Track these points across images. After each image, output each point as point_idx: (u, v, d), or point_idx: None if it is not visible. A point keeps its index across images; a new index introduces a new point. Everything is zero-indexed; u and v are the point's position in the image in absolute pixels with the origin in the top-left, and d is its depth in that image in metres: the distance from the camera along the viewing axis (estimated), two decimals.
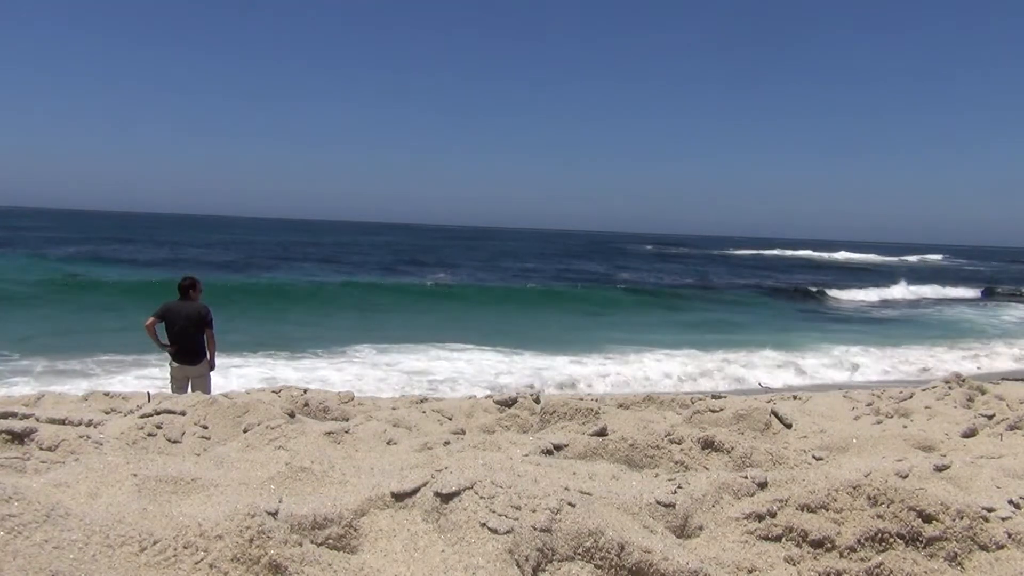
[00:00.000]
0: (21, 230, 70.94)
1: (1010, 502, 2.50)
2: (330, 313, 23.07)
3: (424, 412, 4.78)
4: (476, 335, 18.42)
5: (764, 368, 15.87)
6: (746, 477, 2.49)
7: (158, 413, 3.61)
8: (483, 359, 15.79)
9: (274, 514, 1.88)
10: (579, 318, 25.02)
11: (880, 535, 2.25)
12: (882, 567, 2.18)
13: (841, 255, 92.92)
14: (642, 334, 20.22)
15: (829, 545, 2.23)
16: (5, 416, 3.35)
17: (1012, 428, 4.42)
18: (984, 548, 2.29)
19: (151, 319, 7.96)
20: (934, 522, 2.29)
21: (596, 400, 4.93)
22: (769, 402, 5.03)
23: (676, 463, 3.00)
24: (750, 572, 2.14)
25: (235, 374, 12.55)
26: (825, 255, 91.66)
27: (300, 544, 1.82)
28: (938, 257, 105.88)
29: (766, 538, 2.26)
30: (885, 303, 36.14)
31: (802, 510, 2.31)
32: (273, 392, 5.48)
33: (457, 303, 27.76)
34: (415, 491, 2.09)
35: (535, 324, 22.28)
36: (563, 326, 22.50)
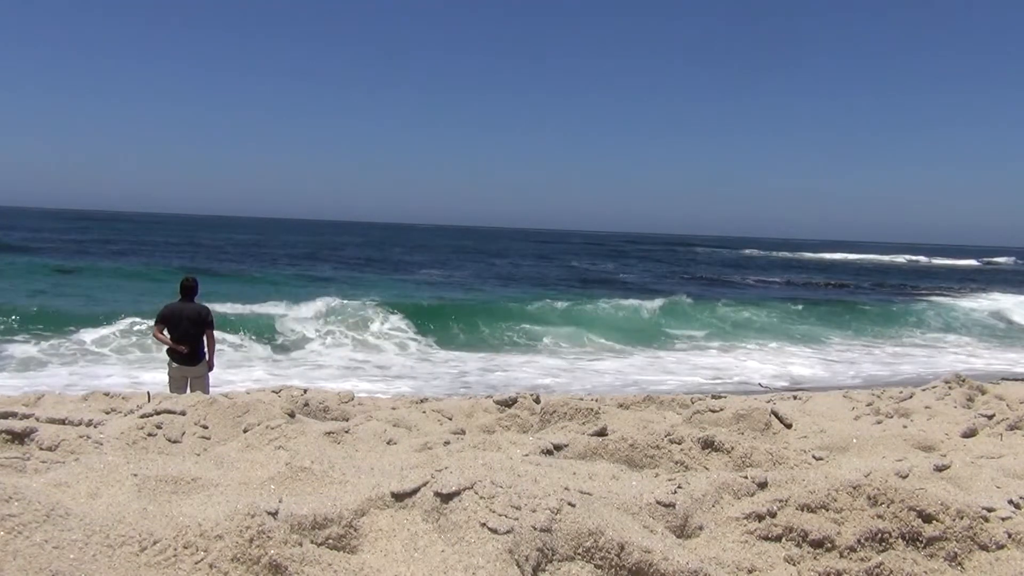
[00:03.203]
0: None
1: (1010, 502, 2.50)
2: None
3: (424, 412, 4.78)
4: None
5: None
6: (746, 477, 2.49)
7: (158, 413, 3.61)
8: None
9: (274, 514, 1.88)
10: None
11: (880, 535, 2.25)
12: (882, 567, 2.18)
13: (909, 258, 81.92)
14: None
15: (829, 545, 2.23)
16: (5, 416, 3.35)
17: (1012, 428, 4.42)
18: (984, 548, 2.29)
19: (157, 327, 8.01)
20: (934, 522, 2.29)
21: (596, 400, 4.93)
22: (769, 402, 5.04)
23: (676, 463, 3.00)
24: (750, 572, 2.14)
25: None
26: (886, 258, 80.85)
27: (300, 544, 1.82)
28: (1008, 260, 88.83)
29: (766, 538, 2.26)
30: None
31: (802, 510, 2.31)
32: (273, 392, 5.47)
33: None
34: (415, 491, 2.09)
35: None
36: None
